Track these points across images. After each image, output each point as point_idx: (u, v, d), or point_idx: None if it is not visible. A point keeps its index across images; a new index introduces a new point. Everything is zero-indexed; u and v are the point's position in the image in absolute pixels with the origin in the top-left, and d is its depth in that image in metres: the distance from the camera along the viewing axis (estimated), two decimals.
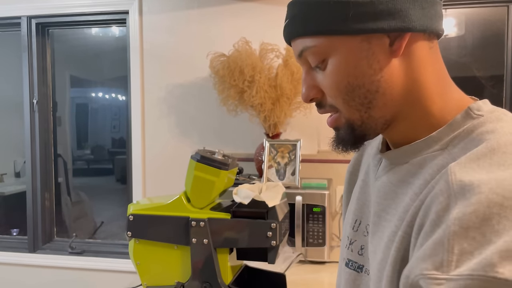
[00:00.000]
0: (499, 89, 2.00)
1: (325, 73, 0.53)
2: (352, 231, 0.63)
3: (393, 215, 0.52)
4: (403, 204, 0.50)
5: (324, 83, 0.53)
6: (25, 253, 2.37)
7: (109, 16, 2.26)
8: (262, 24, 2.03)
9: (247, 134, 2.05)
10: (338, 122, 0.55)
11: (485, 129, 0.48)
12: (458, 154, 0.48)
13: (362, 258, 0.60)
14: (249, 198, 0.71)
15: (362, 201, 0.63)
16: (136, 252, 0.77)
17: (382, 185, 0.56)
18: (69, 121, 3.18)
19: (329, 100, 0.54)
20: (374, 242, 0.55)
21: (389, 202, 0.54)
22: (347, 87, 0.51)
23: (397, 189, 0.53)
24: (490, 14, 2.03)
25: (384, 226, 0.53)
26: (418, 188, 0.49)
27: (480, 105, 0.51)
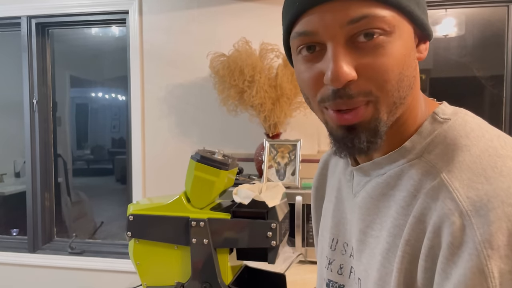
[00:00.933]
0: (499, 89, 2.00)
1: (379, 52, 0.44)
2: (330, 250, 0.61)
3: (380, 230, 0.51)
4: (390, 219, 0.49)
5: (375, 64, 0.44)
6: (25, 253, 2.37)
7: (109, 16, 2.26)
8: (262, 24, 2.03)
9: (247, 134, 2.05)
10: (365, 115, 0.46)
11: (458, 134, 0.47)
12: (436, 161, 0.46)
13: (342, 278, 0.58)
14: (249, 198, 0.71)
15: (338, 219, 0.61)
16: (136, 252, 0.77)
17: (362, 201, 0.54)
18: (69, 121, 3.18)
19: (366, 86, 0.45)
20: (363, 261, 0.53)
21: (373, 217, 0.52)
22: (399, 74, 0.45)
23: (379, 203, 0.51)
24: (490, 14, 2.03)
25: (372, 243, 0.52)
26: (403, 201, 0.48)
27: (443, 109, 0.51)
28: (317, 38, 0.46)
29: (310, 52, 0.47)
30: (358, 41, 0.44)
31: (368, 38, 0.44)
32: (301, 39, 0.47)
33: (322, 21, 0.44)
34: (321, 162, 0.74)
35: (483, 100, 2.09)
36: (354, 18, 0.43)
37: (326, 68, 0.45)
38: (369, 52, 0.44)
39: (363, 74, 0.44)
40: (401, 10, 0.45)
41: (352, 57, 0.44)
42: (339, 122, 0.47)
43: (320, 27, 0.45)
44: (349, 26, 0.44)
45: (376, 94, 0.45)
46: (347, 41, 0.44)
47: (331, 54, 0.44)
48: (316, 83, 0.48)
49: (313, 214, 0.75)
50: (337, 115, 0.47)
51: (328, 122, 0.50)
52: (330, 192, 0.67)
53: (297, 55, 0.50)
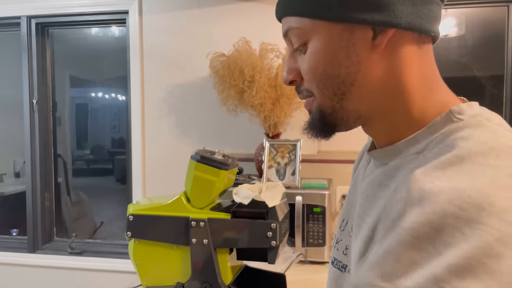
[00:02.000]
0: (499, 89, 2.00)
1: (305, 56, 0.53)
2: (339, 230, 0.64)
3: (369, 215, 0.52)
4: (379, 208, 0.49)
5: (303, 67, 0.54)
6: (25, 253, 2.37)
7: (109, 16, 2.26)
8: (262, 24, 2.03)
9: (247, 134, 2.05)
10: (311, 106, 0.56)
11: (460, 135, 0.45)
12: (431, 160, 0.45)
13: (346, 258, 0.60)
14: (249, 198, 0.71)
15: (350, 202, 0.63)
16: (136, 252, 0.77)
17: (365, 187, 0.56)
18: (69, 121, 3.18)
19: (305, 84, 0.55)
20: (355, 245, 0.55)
21: (370, 204, 0.53)
22: (322, 74, 0.52)
23: (376, 193, 0.53)
24: (490, 14, 2.03)
25: (364, 228, 0.53)
26: (391, 192, 0.48)
27: (463, 108, 0.48)
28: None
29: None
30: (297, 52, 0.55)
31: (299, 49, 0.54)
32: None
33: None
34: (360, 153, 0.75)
35: (483, 100, 2.09)
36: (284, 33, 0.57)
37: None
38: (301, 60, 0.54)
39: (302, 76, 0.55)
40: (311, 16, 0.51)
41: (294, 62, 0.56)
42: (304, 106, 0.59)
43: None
44: (285, 39, 0.57)
45: (312, 91, 0.54)
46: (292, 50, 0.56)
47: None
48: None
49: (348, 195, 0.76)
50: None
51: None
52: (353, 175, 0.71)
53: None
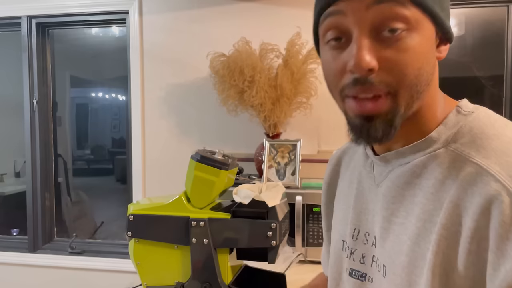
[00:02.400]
0: (499, 89, 2.00)
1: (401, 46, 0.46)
2: (352, 240, 0.62)
3: (405, 217, 0.52)
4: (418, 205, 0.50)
5: (396, 57, 0.46)
6: (25, 253, 2.37)
7: (109, 16, 2.26)
8: (262, 24, 2.03)
9: (247, 134, 2.05)
10: (382, 107, 0.48)
11: (484, 124, 0.50)
12: (463, 148, 0.49)
13: (364, 267, 0.60)
14: (249, 198, 0.71)
15: (359, 210, 0.62)
16: (136, 252, 0.77)
17: (387, 190, 0.56)
18: (69, 121, 3.18)
19: (386, 78, 0.47)
20: (387, 247, 0.54)
21: (398, 205, 0.54)
22: (418, 69, 0.48)
23: (404, 191, 0.53)
24: (490, 14, 2.03)
25: (396, 230, 0.53)
26: (432, 187, 0.50)
27: (465, 104, 0.54)
28: (344, 22, 0.48)
29: (337, 42, 0.50)
30: (382, 35, 0.47)
31: (391, 33, 0.46)
32: (329, 20, 0.49)
33: (350, 3, 0.47)
34: (333, 159, 0.75)
35: (483, 100, 2.09)
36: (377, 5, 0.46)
37: (349, 56, 0.47)
38: (391, 46, 0.46)
39: (385, 66, 0.47)
40: (425, 10, 0.48)
41: (375, 49, 0.47)
42: (358, 111, 0.49)
43: (348, 7, 0.47)
44: (375, 6, 0.46)
45: (396, 87, 0.48)
46: (372, 32, 0.47)
47: (356, 43, 0.47)
48: (340, 72, 0.50)
49: (324, 210, 0.77)
50: (356, 103, 0.49)
51: (348, 111, 0.52)
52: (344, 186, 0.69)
53: (325, 45, 0.52)
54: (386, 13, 0.46)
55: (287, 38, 1.81)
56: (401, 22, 0.46)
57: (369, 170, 0.61)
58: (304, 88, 1.82)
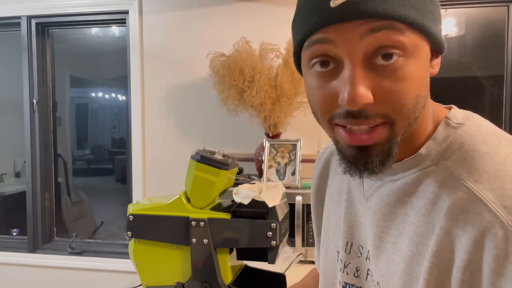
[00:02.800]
0: (499, 89, 2.00)
1: (397, 75, 0.43)
2: (345, 253, 0.60)
3: (397, 236, 0.51)
4: (411, 226, 0.49)
5: (392, 87, 0.43)
6: (25, 253, 2.37)
7: (109, 16, 2.26)
8: (262, 24, 2.03)
9: (247, 134, 2.05)
10: (379, 137, 0.45)
11: (476, 140, 0.47)
12: (454, 167, 0.46)
13: (359, 280, 0.58)
14: (249, 198, 0.71)
15: (351, 222, 0.60)
16: (136, 252, 0.77)
17: (376, 206, 0.54)
18: (69, 121, 3.18)
19: (382, 109, 0.44)
20: (380, 266, 0.53)
21: (389, 223, 0.52)
22: (416, 97, 0.44)
23: (395, 210, 0.51)
24: (490, 14, 2.03)
25: (389, 248, 0.51)
26: (424, 208, 0.48)
27: (455, 114, 0.51)
28: (333, 49, 0.44)
29: (324, 68, 0.45)
30: (375, 63, 0.43)
31: (386, 60, 0.42)
32: (316, 48, 0.45)
33: (341, 31, 0.42)
34: (321, 161, 0.73)
35: (483, 100, 2.09)
36: (375, 27, 0.41)
37: (341, 89, 0.43)
38: (387, 76, 0.43)
39: (380, 97, 0.43)
40: (423, 32, 0.44)
41: (369, 79, 0.43)
42: (351, 142, 0.46)
43: (338, 36, 0.43)
44: (369, 36, 0.41)
45: (393, 118, 0.44)
46: (365, 61, 0.43)
47: (348, 74, 0.43)
48: (329, 102, 0.46)
49: (314, 213, 0.75)
50: (348, 135, 0.46)
51: (339, 140, 0.48)
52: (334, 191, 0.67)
53: (309, 69, 0.48)
54: (381, 42, 0.42)
55: (287, 38, 1.81)
56: (398, 49, 0.42)
57: (359, 182, 0.59)
58: (304, 88, 1.82)
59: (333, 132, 0.48)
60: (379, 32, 0.41)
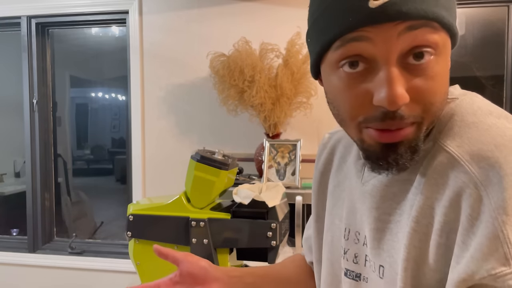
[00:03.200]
0: (499, 88, 2.00)
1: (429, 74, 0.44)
2: (344, 240, 0.61)
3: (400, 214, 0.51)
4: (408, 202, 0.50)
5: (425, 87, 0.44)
6: (25, 253, 2.37)
7: (109, 16, 2.26)
8: (262, 24, 2.03)
9: (247, 134, 2.05)
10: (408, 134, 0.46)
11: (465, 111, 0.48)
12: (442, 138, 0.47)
13: (358, 267, 0.59)
14: (249, 198, 0.71)
15: (349, 209, 0.61)
16: (136, 252, 0.77)
17: (373, 189, 0.54)
18: (69, 121, 3.18)
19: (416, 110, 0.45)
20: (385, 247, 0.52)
21: (390, 203, 0.52)
22: (443, 95, 0.46)
23: (393, 189, 0.52)
24: (490, 14, 2.03)
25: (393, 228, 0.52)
26: (417, 181, 0.48)
27: (451, 91, 0.52)
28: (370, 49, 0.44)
29: (353, 69, 0.45)
30: (408, 62, 0.43)
31: (418, 59, 0.43)
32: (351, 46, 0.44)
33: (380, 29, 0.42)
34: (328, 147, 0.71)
35: None
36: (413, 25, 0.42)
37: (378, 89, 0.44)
38: (418, 75, 0.44)
39: (414, 97, 0.44)
40: (450, 31, 0.45)
41: (404, 79, 0.43)
42: (380, 140, 0.46)
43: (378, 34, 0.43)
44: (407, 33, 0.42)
45: (423, 116, 0.45)
46: (398, 60, 0.43)
47: (386, 74, 0.43)
48: (361, 104, 0.46)
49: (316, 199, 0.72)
50: (379, 133, 0.46)
51: (366, 139, 0.48)
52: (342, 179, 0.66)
53: (336, 70, 0.47)
54: (418, 41, 0.43)
55: (287, 38, 1.81)
56: (430, 47, 0.43)
57: (359, 169, 0.59)
58: (304, 88, 1.82)
59: (360, 133, 0.49)
60: (417, 30, 0.42)
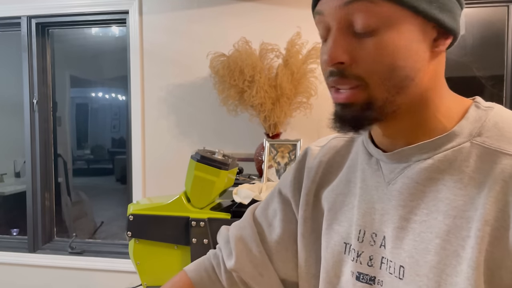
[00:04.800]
0: (499, 89, 2.00)
1: (371, 42, 0.49)
2: (357, 242, 0.59)
3: (427, 214, 0.51)
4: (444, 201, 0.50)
5: (366, 53, 0.49)
6: (25, 253, 2.37)
7: (109, 16, 2.26)
8: (262, 24, 2.03)
9: (247, 134, 2.05)
10: (356, 98, 0.51)
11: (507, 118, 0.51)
12: (491, 142, 0.49)
13: (372, 269, 0.57)
14: (249, 198, 0.71)
15: (364, 210, 0.59)
16: (136, 252, 0.77)
17: (403, 186, 0.54)
18: (69, 121, 3.18)
19: (357, 71, 0.50)
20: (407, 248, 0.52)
21: (417, 203, 0.52)
22: (390, 65, 0.49)
23: (425, 188, 0.52)
24: (490, 14, 2.03)
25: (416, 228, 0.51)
26: (460, 182, 0.49)
27: (482, 100, 0.55)
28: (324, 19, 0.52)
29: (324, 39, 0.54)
30: (355, 31, 0.49)
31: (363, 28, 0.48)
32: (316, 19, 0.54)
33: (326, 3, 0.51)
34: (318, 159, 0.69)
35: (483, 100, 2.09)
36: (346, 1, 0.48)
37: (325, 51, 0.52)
38: (362, 42, 0.49)
39: (356, 61, 0.50)
40: (403, 5, 0.48)
41: (347, 43, 0.50)
42: (335, 100, 0.53)
43: (325, 7, 0.51)
44: (345, 7, 0.49)
45: (366, 81, 0.50)
46: (348, 29, 0.50)
47: (330, 38, 0.51)
48: (324, 65, 0.53)
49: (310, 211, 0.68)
50: (335, 93, 0.53)
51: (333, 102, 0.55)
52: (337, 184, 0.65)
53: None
54: (359, 11, 0.48)
55: (287, 38, 1.81)
56: (373, 18, 0.48)
57: (376, 168, 0.59)
58: (304, 88, 1.82)
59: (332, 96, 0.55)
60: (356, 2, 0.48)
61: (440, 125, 0.53)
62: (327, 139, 0.71)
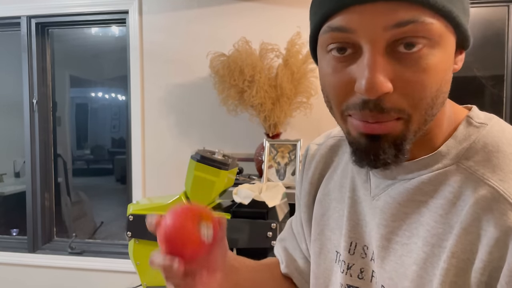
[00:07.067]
0: (499, 89, 2.00)
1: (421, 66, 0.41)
2: (348, 254, 0.57)
3: (409, 237, 0.49)
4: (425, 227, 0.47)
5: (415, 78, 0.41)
6: (25, 253, 2.37)
7: (108, 16, 2.26)
8: (262, 24, 2.03)
9: (247, 134, 2.05)
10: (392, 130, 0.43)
11: (500, 141, 0.46)
12: (477, 167, 0.45)
13: (363, 282, 0.56)
14: (249, 198, 0.71)
15: (355, 221, 0.57)
16: (136, 252, 0.77)
17: (386, 205, 0.51)
18: (69, 121, 3.18)
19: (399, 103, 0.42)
20: (387, 268, 0.51)
21: (399, 223, 0.50)
22: (437, 91, 0.42)
23: (406, 209, 0.49)
24: (490, 14, 2.03)
25: (398, 250, 0.50)
26: (441, 208, 0.46)
27: (477, 114, 0.50)
28: (353, 37, 0.42)
29: (341, 54, 0.43)
30: (398, 51, 0.41)
31: (409, 48, 0.40)
32: (335, 35, 0.43)
33: (364, 20, 0.40)
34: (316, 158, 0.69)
35: (483, 100, 2.09)
36: (401, 21, 0.39)
37: (359, 75, 0.41)
38: (408, 65, 0.41)
39: (399, 88, 0.41)
40: (449, 19, 0.42)
41: (390, 68, 0.41)
42: (363, 130, 0.44)
43: (360, 26, 0.40)
44: (394, 30, 0.40)
45: (409, 112, 0.43)
46: (387, 48, 0.41)
47: (367, 61, 0.41)
48: (344, 89, 0.44)
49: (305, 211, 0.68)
50: (362, 123, 0.44)
51: (351, 131, 0.46)
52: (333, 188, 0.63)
53: (326, 54, 0.45)
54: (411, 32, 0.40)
55: (287, 38, 1.81)
56: (422, 37, 0.40)
57: (365, 179, 0.56)
58: (304, 88, 1.82)
59: (345, 123, 0.47)
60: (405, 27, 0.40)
61: (435, 144, 0.49)
62: (326, 136, 0.70)
